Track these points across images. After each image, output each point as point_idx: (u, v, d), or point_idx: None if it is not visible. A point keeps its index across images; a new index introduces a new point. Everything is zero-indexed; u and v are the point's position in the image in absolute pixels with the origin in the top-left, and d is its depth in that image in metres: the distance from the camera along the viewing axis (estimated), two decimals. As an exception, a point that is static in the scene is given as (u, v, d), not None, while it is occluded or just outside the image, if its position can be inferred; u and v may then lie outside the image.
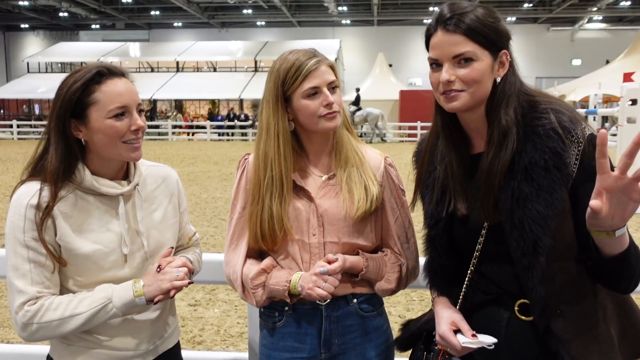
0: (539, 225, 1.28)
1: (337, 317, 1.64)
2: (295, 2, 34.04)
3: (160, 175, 1.67)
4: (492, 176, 1.33)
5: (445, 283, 1.51)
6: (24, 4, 32.49)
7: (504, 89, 1.35)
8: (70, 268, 1.47)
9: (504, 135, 1.32)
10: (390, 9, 35.73)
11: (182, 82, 31.37)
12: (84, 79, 1.44)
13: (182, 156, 17.56)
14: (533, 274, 1.30)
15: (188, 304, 4.57)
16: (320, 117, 1.57)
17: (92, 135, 1.45)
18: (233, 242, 1.69)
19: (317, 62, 1.57)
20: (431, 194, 1.48)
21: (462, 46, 1.32)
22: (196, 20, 37.07)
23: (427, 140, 1.53)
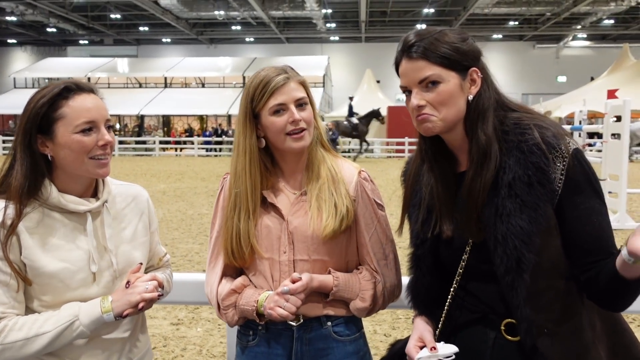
0: (523, 241, 1.26)
1: (309, 339, 1.60)
2: (283, 18, 34.25)
3: (131, 193, 1.64)
4: (474, 194, 1.33)
5: (427, 303, 1.49)
6: (11, 19, 32.39)
7: (477, 105, 1.35)
8: (35, 287, 1.42)
9: (484, 153, 1.32)
10: (378, 26, 36.12)
11: (170, 98, 31.37)
12: (51, 94, 1.42)
13: (169, 172, 17.46)
14: (517, 292, 1.28)
15: (170, 323, 4.47)
16: (287, 134, 1.55)
17: (58, 151, 1.42)
18: (212, 261, 1.67)
19: (285, 79, 1.55)
20: (417, 214, 1.47)
21: (425, 70, 1.33)
22: (185, 37, 37.21)
23: (412, 163, 1.53)
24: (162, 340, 4.13)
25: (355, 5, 31.04)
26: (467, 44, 1.35)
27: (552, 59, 38.01)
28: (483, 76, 1.36)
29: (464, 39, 1.36)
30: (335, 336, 1.61)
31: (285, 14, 31.90)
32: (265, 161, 1.61)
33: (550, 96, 30.20)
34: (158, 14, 30.67)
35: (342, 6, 32.11)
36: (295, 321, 1.57)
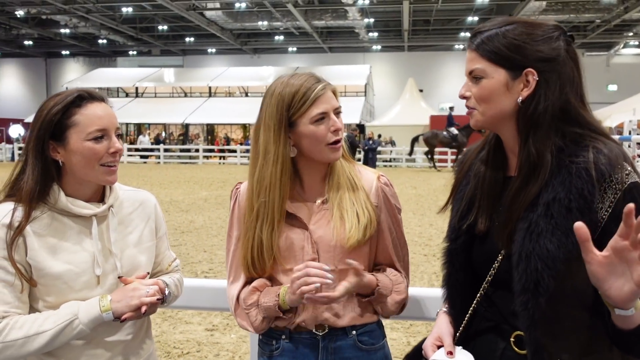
0: (546, 265, 1.20)
1: (335, 348, 1.58)
2: (326, 28, 34.42)
3: (138, 199, 1.67)
4: (514, 206, 1.28)
5: (463, 300, 1.44)
6: (65, 31, 33.75)
7: (529, 110, 1.27)
8: (40, 288, 1.46)
9: (534, 167, 1.25)
10: (421, 35, 35.83)
11: (214, 107, 31.92)
12: (65, 101, 1.46)
13: (212, 180, 17.75)
14: (529, 313, 1.22)
15: (205, 329, 4.52)
16: (327, 145, 1.53)
17: (70, 157, 1.47)
18: (231, 275, 1.66)
19: (324, 87, 1.53)
20: (458, 207, 1.44)
21: (473, 63, 1.31)
22: (229, 47, 37.87)
23: (471, 152, 1.49)
24: (195, 345, 4.18)
25: (398, 15, 30.91)
26: (534, 41, 1.26)
27: (602, 67, 36.80)
28: (543, 80, 1.26)
29: (536, 35, 1.26)
30: (361, 345, 1.60)
31: (328, 24, 32.05)
32: (293, 168, 1.58)
33: (600, 105, 29.18)
34: (203, 25, 31.35)
35: (385, 15, 32.03)
36: (320, 330, 1.56)
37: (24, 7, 28.85)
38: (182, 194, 13.80)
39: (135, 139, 32.70)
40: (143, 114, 32.24)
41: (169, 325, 4.61)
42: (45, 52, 41.01)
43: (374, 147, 18.33)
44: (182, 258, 7.00)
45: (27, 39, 36.11)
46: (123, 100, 34.73)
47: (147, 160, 28.22)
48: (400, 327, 4.48)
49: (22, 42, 37.00)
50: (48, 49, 39.98)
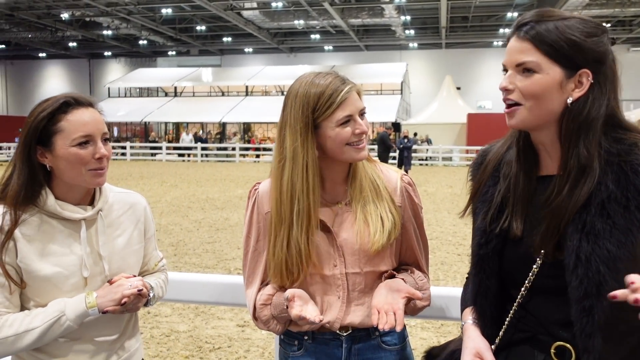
0: (608, 266, 1.14)
1: (358, 349, 1.57)
2: (362, 26, 34.28)
3: (129, 201, 1.69)
4: (562, 212, 1.21)
5: (494, 311, 1.36)
6: (107, 33, 34.63)
7: (581, 113, 1.20)
8: (30, 290, 1.50)
9: (583, 169, 1.19)
10: (459, 32, 35.31)
11: (251, 106, 32.23)
12: (51, 107, 1.49)
13: (247, 177, 17.93)
14: (594, 319, 1.16)
15: (237, 325, 4.57)
16: (349, 145, 1.49)
17: (57, 162, 1.49)
18: (250, 277, 1.65)
19: (349, 89, 1.49)
20: (487, 210, 1.35)
21: (527, 55, 1.21)
22: (266, 46, 38.14)
23: (493, 152, 1.41)
24: (227, 340, 4.24)
25: (435, 12, 30.53)
26: (592, 41, 1.20)
27: (649, 62, 35.53)
28: (596, 82, 1.20)
29: (592, 34, 1.20)
30: (384, 346, 1.58)
31: (365, 22, 31.91)
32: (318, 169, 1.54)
33: (647, 102, 28.22)
34: (241, 24, 31.67)
35: (422, 13, 31.68)
36: (343, 331, 1.55)
37: (69, 9, 29.74)
38: (218, 192, 13.98)
39: (173, 137, 33.31)
40: (181, 113, 32.81)
41: (201, 320, 4.68)
42: (88, 54, 42.18)
43: (409, 145, 18.08)
44: (216, 255, 7.10)
45: (71, 41, 37.21)
46: (162, 99, 35.45)
47: (185, 158, 28.68)
48: (431, 327, 4.43)
49: (66, 44, 38.16)
50: (91, 50, 41.11)
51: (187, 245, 7.65)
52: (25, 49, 39.80)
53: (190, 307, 4.96)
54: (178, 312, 4.87)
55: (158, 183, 16.01)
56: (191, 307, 4.95)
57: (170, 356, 3.96)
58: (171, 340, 4.24)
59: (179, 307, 4.95)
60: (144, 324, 4.56)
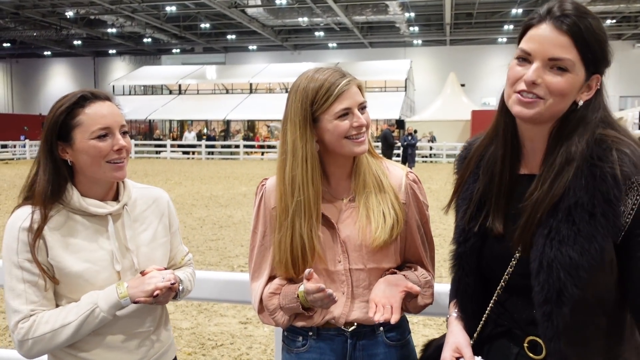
0: (569, 273, 1.15)
1: (363, 345, 1.58)
2: (366, 23, 34.21)
3: (152, 196, 1.71)
4: (540, 206, 1.21)
5: (474, 306, 1.39)
6: (112, 31, 34.71)
7: (584, 115, 1.20)
8: (63, 286, 1.51)
9: (562, 169, 1.19)
10: (464, 29, 35.20)
11: (255, 103, 32.24)
12: (69, 102, 1.51)
13: (251, 175, 17.95)
14: (553, 324, 1.18)
15: (239, 322, 4.59)
16: (348, 138, 1.50)
17: (77, 156, 1.51)
18: (256, 271, 1.66)
19: (348, 82, 1.50)
20: (466, 208, 1.37)
21: (566, 51, 1.15)
22: (270, 43, 38.15)
23: (476, 146, 1.39)
24: (229, 337, 4.26)
25: (439, 8, 30.45)
26: (609, 47, 1.20)
27: (654, 58, 35.32)
28: (602, 87, 1.22)
29: (607, 38, 1.20)
30: (388, 341, 1.60)
31: (369, 19, 31.86)
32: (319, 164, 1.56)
33: (652, 98, 28.08)
34: (245, 22, 31.68)
35: (426, 9, 31.59)
36: (348, 326, 1.57)
37: (74, 7, 29.81)
38: (222, 189, 14.02)
39: (177, 135, 33.37)
40: (186, 111, 32.86)
41: (204, 317, 4.71)
42: (93, 52, 42.30)
43: (413, 142, 18.04)
44: (219, 252, 7.12)
45: (76, 39, 37.33)
46: (166, 97, 35.49)
47: (189, 156, 28.75)
48: (433, 324, 4.44)
49: (71, 42, 38.28)
50: (96, 48, 41.21)
51: (190, 243, 7.67)
52: (30, 47, 39.94)
53: (193, 304, 4.98)
54: (181, 310, 4.89)
55: (162, 181, 16.06)
56: (194, 304, 4.98)
57: (173, 353, 3.98)
58: (174, 337, 4.26)
59: (181, 304, 4.97)
60: (148, 321, 4.59)
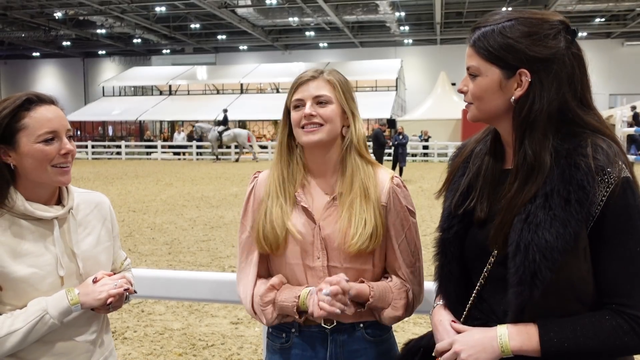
0: (544, 256, 1.19)
1: (343, 341, 1.60)
2: (357, 23, 34.23)
3: (94, 201, 1.70)
4: (512, 205, 1.27)
5: (458, 293, 1.42)
6: (101, 32, 34.48)
7: (522, 110, 1.27)
8: (7, 293, 1.48)
9: (531, 169, 1.25)
10: (454, 28, 35.30)
11: (246, 104, 32.19)
12: (13, 105, 1.48)
13: (243, 175, 17.91)
14: (518, 303, 1.23)
15: (230, 322, 4.58)
16: (301, 128, 1.59)
17: (21, 160, 1.48)
18: (243, 261, 1.68)
19: (310, 77, 1.60)
20: (452, 197, 1.43)
21: (470, 60, 1.33)
22: (260, 43, 38.07)
23: (468, 144, 1.49)
24: (220, 338, 4.24)
25: (429, 8, 30.52)
26: (529, 40, 1.24)
27: (643, 56, 35.60)
28: (537, 81, 1.25)
29: (532, 33, 1.24)
30: (368, 337, 1.61)
31: (359, 19, 31.88)
32: (298, 157, 1.64)
33: (641, 96, 28.28)
34: (235, 22, 31.59)
35: (416, 9, 31.65)
36: (328, 324, 1.58)
37: (62, 8, 29.60)
38: (213, 190, 13.97)
39: (168, 136, 33.24)
40: (176, 112, 32.74)
41: (195, 318, 4.69)
42: (82, 52, 42.01)
43: (404, 142, 18.05)
44: (210, 253, 7.10)
45: (65, 40, 37.01)
46: (157, 98, 35.35)
47: (180, 157, 28.64)
48: (424, 322, 4.45)
49: (60, 43, 37.98)
50: (85, 49, 40.93)
51: (181, 244, 7.65)
52: (18, 49, 39.61)
53: (184, 305, 4.96)
54: (172, 310, 4.87)
55: (153, 182, 15.99)
56: (185, 305, 4.96)
57: (164, 354, 3.96)
58: (165, 338, 4.24)
59: (172, 305, 4.95)
60: (138, 322, 4.56)
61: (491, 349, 1.24)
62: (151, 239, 8.01)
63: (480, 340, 1.26)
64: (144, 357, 3.90)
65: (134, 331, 4.37)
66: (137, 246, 7.51)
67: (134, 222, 9.34)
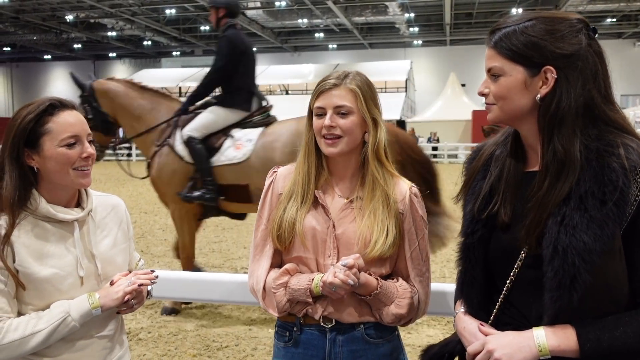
0: (583, 259, 1.18)
1: (342, 341, 1.62)
2: (366, 24, 34.23)
3: (110, 203, 1.75)
4: (545, 204, 1.25)
5: (481, 300, 1.41)
6: (112, 34, 34.73)
7: (550, 108, 1.26)
8: (30, 293, 1.52)
9: (562, 164, 1.24)
10: (463, 29, 35.20)
11: (256, 105, 32.20)
12: (38, 110, 1.53)
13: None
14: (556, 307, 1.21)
15: (243, 323, 4.59)
16: (322, 137, 1.60)
17: (44, 163, 1.53)
18: (257, 254, 1.71)
19: (332, 84, 1.59)
20: (474, 202, 1.42)
21: (492, 61, 1.33)
22: (270, 45, 38.14)
23: (486, 147, 1.48)
24: (234, 339, 4.25)
25: (439, 9, 30.45)
26: (553, 37, 1.24)
27: (655, 57, 35.27)
28: (563, 77, 1.24)
29: (555, 31, 1.25)
30: (368, 339, 1.63)
31: (368, 20, 31.88)
32: (320, 158, 1.66)
33: (653, 97, 28.03)
34: (244, 24, 31.68)
35: (426, 10, 31.60)
36: (328, 323, 1.61)
37: (73, 11, 29.84)
38: (223, 191, 13.99)
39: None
40: (186, 113, 32.81)
41: (208, 319, 4.70)
42: (93, 55, 42.31)
43: (415, 143, 18.05)
44: (222, 254, 7.12)
45: (76, 43, 37.33)
46: (167, 100, 35.45)
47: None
48: (438, 325, 4.43)
49: (71, 46, 38.30)
50: (96, 52, 41.23)
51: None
52: (30, 51, 39.97)
53: (197, 305, 4.98)
54: (185, 311, 4.89)
55: (164, 183, 16.04)
56: (198, 306, 4.98)
57: (179, 355, 3.98)
58: (179, 339, 4.26)
59: (185, 307, 4.97)
60: (152, 324, 4.59)
61: (527, 348, 1.22)
62: (163, 240, 8.04)
63: (514, 340, 1.25)
64: (159, 358, 3.92)
65: (148, 332, 4.40)
66: (150, 247, 7.54)
67: (145, 224, 9.39)
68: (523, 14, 1.32)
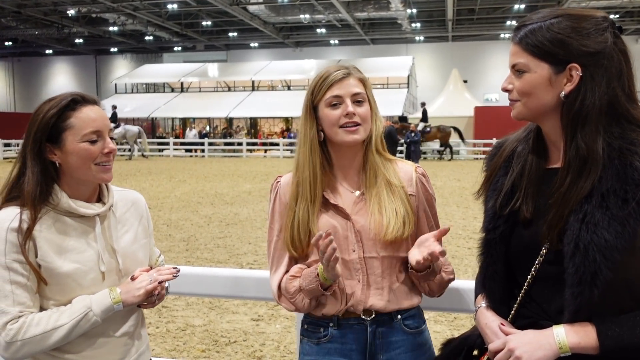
0: (604, 256, 1.19)
1: (382, 332, 1.63)
2: (368, 20, 34.17)
3: (130, 199, 1.75)
4: (566, 200, 1.27)
5: (503, 295, 1.42)
6: (113, 29, 34.69)
7: (573, 105, 1.26)
8: (52, 288, 1.53)
9: (584, 161, 1.25)
10: (466, 25, 35.14)
11: (257, 101, 32.22)
12: (60, 105, 1.53)
13: (255, 172, 17.97)
14: (577, 302, 1.23)
15: (251, 319, 4.61)
16: (341, 127, 1.60)
17: (66, 158, 1.53)
18: (274, 265, 1.72)
19: (344, 74, 1.61)
20: (496, 197, 1.43)
21: (517, 57, 1.32)
22: (272, 41, 38.11)
23: (507, 144, 1.49)
24: (242, 334, 4.28)
25: (441, 4, 30.38)
26: (579, 35, 1.25)
27: (657, 53, 35.21)
28: (588, 75, 1.25)
29: (581, 28, 1.25)
30: (406, 329, 1.65)
31: (370, 15, 31.80)
32: (324, 155, 1.66)
33: (655, 94, 27.99)
34: (247, 19, 31.64)
35: (428, 5, 31.54)
36: (367, 315, 1.62)
37: (75, 6, 29.79)
38: (226, 187, 14.04)
39: (180, 133, 33.36)
40: (188, 109, 32.85)
41: (216, 314, 4.73)
42: (94, 50, 42.25)
43: (416, 139, 18.04)
44: (227, 250, 7.15)
45: (77, 37, 37.30)
46: (169, 95, 35.49)
47: (192, 154, 28.77)
48: (444, 320, 4.46)
49: (73, 41, 38.26)
50: (97, 47, 41.16)
51: (198, 241, 7.70)
52: (31, 46, 39.92)
53: (205, 302, 5.00)
54: (192, 307, 4.91)
55: (167, 179, 16.07)
56: (205, 302, 5.00)
57: (187, 350, 4.00)
58: (187, 335, 4.28)
59: (193, 302, 5.00)
60: (160, 319, 4.61)
61: (548, 345, 1.24)
62: (168, 235, 8.07)
63: (535, 338, 1.27)
64: (168, 353, 3.94)
65: (156, 327, 4.42)
66: (155, 243, 7.56)
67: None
68: (549, 11, 1.31)
